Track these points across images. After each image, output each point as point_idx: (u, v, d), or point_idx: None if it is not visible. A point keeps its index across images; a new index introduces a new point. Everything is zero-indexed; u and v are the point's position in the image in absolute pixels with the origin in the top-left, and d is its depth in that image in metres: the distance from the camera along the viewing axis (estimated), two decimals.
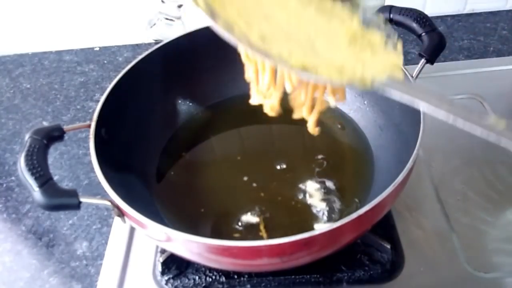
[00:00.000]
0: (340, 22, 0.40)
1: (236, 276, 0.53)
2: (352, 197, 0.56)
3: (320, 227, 0.52)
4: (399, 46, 0.39)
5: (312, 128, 0.44)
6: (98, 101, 0.54)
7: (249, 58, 0.41)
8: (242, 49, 0.39)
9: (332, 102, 0.41)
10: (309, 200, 0.56)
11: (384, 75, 0.35)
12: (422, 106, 0.34)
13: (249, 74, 0.43)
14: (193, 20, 0.88)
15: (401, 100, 0.34)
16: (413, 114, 0.50)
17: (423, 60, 0.55)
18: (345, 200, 0.56)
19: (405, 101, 0.34)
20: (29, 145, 0.46)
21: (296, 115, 0.44)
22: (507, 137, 0.31)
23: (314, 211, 0.55)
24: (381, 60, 0.37)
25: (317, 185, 0.57)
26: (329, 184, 0.58)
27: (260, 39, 0.34)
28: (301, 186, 0.58)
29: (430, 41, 0.55)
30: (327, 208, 0.55)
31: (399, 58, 0.38)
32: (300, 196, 0.57)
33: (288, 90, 0.41)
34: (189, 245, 0.44)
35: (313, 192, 0.57)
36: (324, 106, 0.43)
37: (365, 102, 0.65)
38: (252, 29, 0.35)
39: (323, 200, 0.56)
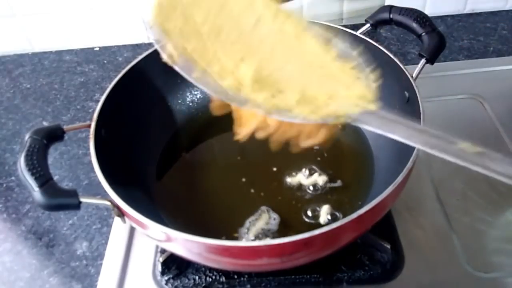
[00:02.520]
0: (314, 56, 0.40)
1: (236, 276, 0.53)
2: (352, 197, 0.56)
3: (324, 218, 0.53)
4: (373, 77, 0.39)
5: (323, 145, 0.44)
6: (98, 101, 0.54)
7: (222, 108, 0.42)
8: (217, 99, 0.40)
9: (309, 144, 0.41)
10: (309, 200, 0.56)
11: (357, 110, 0.36)
12: (395, 137, 0.35)
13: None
14: None
15: (376, 131, 0.35)
16: (413, 114, 0.50)
17: (423, 60, 0.55)
18: (345, 200, 0.56)
19: (379, 133, 0.35)
20: (29, 145, 0.46)
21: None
22: (476, 162, 0.31)
23: (314, 210, 0.55)
24: (354, 93, 0.37)
25: (317, 185, 0.57)
26: (329, 184, 0.58)
27: (235, 88, 0.35)
28: (301, 186, 0.58)
29: (430, 41, 0.55)
30: (327, 208, 0.55)
31: (371, 91, 0.38)
32: (300, 196, 0.57)
33: (260, 135, 0.41)
34: (189, 245, 0.44)
35: (313, 192, 0.57)
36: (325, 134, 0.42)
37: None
38: (226, 78, 0.36)
39: (323, 199, 0.56)
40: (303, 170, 0.58)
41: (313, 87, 0.37)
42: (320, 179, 0.58)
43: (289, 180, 0.58)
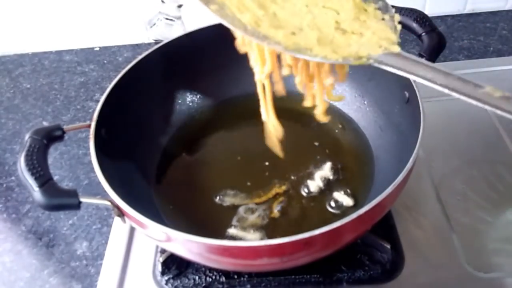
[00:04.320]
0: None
1: (236, 276, 0.53)
2: (352, 197, 0.56)
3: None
4: (396, 18, 0.39)
5: (321, 115, 0.44)
6: (98, 101, 0.54)
7: (245, 45, 0.40)
8: (238, 34, 0.38)
9: (331, 81, 0.40)
10: (309, 200, 0.56)
11: (379, 51, 0.35)
12: (418, 80, 0.34)
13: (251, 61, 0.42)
14: (193, 20, 0.88)
15: (398, 73, 0.34)
16: (413, 114, 0.50)
17: None
18: (345, 200, 0.56)
19: (401, 74, 0.34)
20: (29, 145, 0.46)
21: (306, 103, 0.43)
22: (502, 107, 0.31)
23: (314, 210, 0.55)
24: (376, 35, 0.37)
25: (317, 185, 0.57)
26: (329, 184, 0.58)
27: (254, 23, 0.34)
28: (301, 185, 0.58)
29: (430, 41, 0.55)
30: (327, 208, 0.55)
31: (394, 33, 0.38)
32: (300, 196, 0.57)
33: (285, 72, 0.40)
34: (189, 245, 0.44)
35: (313, 192, 0.57)
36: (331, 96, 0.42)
37: (365, 102, 0.65)
38: (245, 13, 0.35)
39: (323, 200, 0.56)
40: (304, 186, 0.58)
41: (335, 27, 0.37)
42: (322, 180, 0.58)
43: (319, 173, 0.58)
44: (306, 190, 0.57)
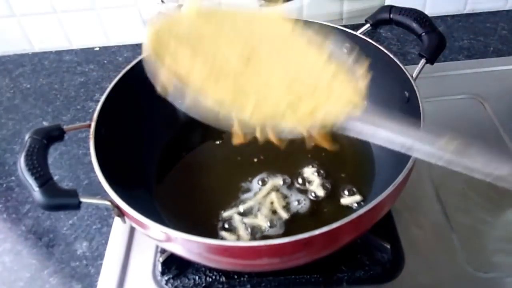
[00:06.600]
0: (304, 61, 0.40)
1: (236, 276, 0.53)
2: (352, 197, 0.56)
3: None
4: (362, 76, 0.39)
5: (328, 147, 0.43)
6: (98, 101, 0.54)
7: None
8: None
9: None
10: (308, 199, 0.56)
11: (342, 117, 0.36)
12: (377, 142, 0.34)
13: None
14: None
15: (359, 137, 0.35)
16: (413, 114, 0.50)
17: (423, 60, 0.55)
18: (345, 199, 0.56)
19: (362, 138, 0.35)
20: (29, 145, 0.46)
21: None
22: (453, 163, 0.31)
23: (313, 210, 0.55)
24: (341, 99, 0.37)
25: (317, 185, 0.57)
26: (329, 184, 0.58)
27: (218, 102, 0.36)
28: (301, 186, 0.58)
29: (430, 41, 0.55)
30: (326, 208, 0.55)
31: (358, 93, 0.38)
32: (300, 197, 0.57)
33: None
34: (189, 245, 0.44)
35: (312, 192, 0.57)
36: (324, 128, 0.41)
37: (365, 102, 0.65)
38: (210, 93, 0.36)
39: (322, 199, 0.56)
40: (304, 187, 0.58)
41: (300, 95, 0.37)
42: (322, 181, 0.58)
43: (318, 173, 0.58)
44: (305, 189, 0.57)
